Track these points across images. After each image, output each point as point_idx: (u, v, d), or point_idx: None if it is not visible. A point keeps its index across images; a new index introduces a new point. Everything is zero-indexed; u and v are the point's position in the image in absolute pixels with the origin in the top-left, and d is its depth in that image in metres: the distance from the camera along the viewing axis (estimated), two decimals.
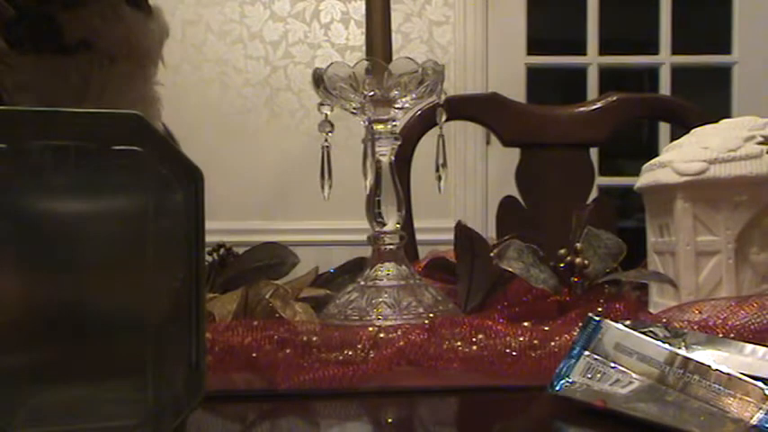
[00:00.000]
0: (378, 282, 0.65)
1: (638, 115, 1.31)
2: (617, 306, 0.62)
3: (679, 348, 0.44)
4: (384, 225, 0.67)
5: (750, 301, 0.55)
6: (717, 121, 0.68)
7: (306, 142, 2.22)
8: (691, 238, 0.63)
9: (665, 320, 0.54)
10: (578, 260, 0.67)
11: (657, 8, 2.33)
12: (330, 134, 0.67)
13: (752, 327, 0.53)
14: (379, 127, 0.66)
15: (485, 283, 0.67)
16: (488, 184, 2.25)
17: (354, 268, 0.76)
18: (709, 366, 0.38)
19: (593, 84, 2.31)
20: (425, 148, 1.11)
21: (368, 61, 0.64)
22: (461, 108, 1.26)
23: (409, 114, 1.19)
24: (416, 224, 1.22)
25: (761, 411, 0.36)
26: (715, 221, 0.62)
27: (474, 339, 0.52)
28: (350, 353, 0.51)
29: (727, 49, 2.34)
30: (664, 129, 2.32)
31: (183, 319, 0.36)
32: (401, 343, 0.52)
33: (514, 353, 0.51)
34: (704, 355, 0.45)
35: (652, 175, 0.66)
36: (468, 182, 2.23)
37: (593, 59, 2.32)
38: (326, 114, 0.67)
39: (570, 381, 0.42)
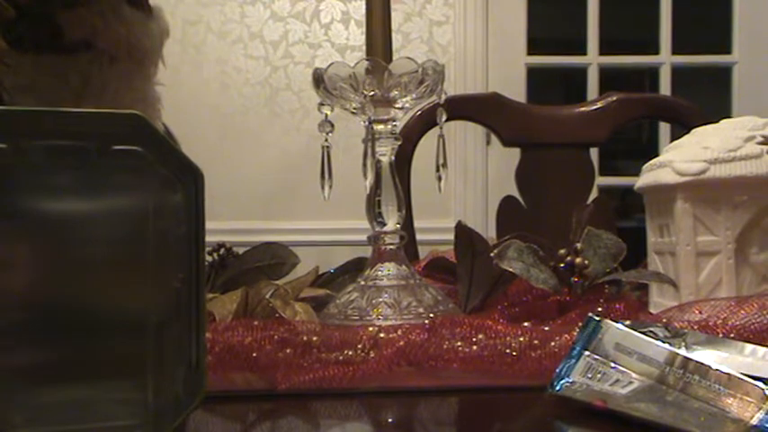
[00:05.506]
0: (378, 282, 0.65)
1: (639, 115, 1.31)
2: (617, 306, 0.62)
3: (679, 348, 0.44)
4: (384, 225, 0.66)
5: (750, 301, 0.55)
6: (717, 121, 0.68)
7: (306, 142, 2.22)
8: (691, 238, 0.63)
9: (665, 320, 0.54)
10: (578, 260, 0.67)
11: (657, 8, 2.32)
12: (330, 134, 0.67)
13: (752, 327, 0.52)
14: (379, 127, 0.66)
15: (485, 283, 0.67)
16: (488, 184, 2.25)
17: (354, 268, 0.76)
18: (709, 366, 0.38)
19: (593, 84, 2.31)
20: (425, 148, 1.11)
21: (368, 61, 0.64)
22: (461, 108, 1.26)
23: (409, 114, 1.19)
24: (416, 224, 1.22)
25: (761, 411, 0.36)
26: (715, 221, 0.62)
27: (474, 339, 0.52)
28: (350, 353, 0.51)
29: (727, 49, 2.34)
30: (664, 129, 2.32)
31: (183, 319, 0.36)
32: (401, 343, 0.52)
33: (514, 353, 0.51)
34: (704, 355, 0.45)
35: (652, 175, 0.66)
36: (468, 182, 2.23)
37: (593, 59, 2.32)
38: (326, 114, 0.67)
39: (570, 381, 0.42)
